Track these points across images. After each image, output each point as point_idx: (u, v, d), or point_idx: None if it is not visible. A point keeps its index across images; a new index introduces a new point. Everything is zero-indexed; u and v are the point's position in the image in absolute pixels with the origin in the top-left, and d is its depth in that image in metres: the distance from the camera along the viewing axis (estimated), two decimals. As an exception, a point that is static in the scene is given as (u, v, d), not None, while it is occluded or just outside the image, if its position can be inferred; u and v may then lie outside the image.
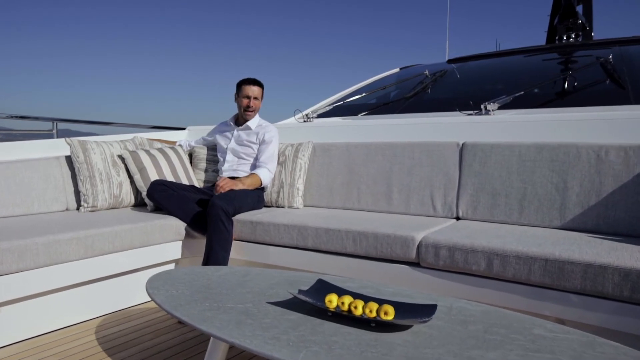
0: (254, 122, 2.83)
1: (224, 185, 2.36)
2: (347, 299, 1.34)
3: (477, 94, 3.93)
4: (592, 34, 7.08)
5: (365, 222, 2.20)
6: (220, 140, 2.89)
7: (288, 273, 1.75)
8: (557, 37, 6.67)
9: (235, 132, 2.84)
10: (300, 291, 1.54)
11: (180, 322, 2.06)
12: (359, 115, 4.00)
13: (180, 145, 3.07)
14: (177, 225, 2.37)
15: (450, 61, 5.49)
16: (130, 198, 2.65)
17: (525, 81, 4.00)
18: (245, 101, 2.75)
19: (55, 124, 4.02)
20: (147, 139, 2.98)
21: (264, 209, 2.63)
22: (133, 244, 2.16)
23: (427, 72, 4.71)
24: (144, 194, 2.58)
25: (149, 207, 2.59)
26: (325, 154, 2.85)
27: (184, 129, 3.81)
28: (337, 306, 1.34)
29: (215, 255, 2.19)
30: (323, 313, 1.35)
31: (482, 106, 3.01)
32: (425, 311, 1.28)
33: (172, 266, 2.50)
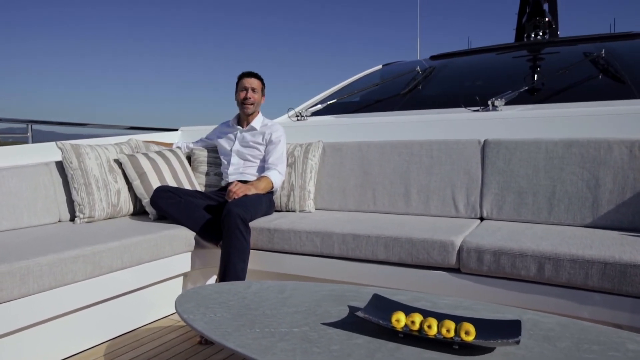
0: (258, 121, 2.65)
1: (237, 191, 2.17)
2: (417, 317, 1.21)
3: (476, 90, 3.88)
4: (558, 32, 7.24)
5: (393, 226, 2.07)
6: (223, 142, 2.70)
7: (328, 286, 1.60)
8: (525, 35, 6.79)
9: (238, 134, 2.65)
10: (352, 307, 1.41)
11: (201, 342, 1.88)
12: (358, 112, 3.87)
13: (178, 147, 2.85)
14: (186, 236, 2.17)
15: (433, 57, 5.45)
16: (128, 206, 2.42)
17: (522, 77, 3.98)
18: (242, 93, 2.57)
19: (29, 126, 3.70)
20: (143, 142, 2.75)
21: (275, 214, 2.47)
22: (142, 259, 1.96)
23: (418, 68, 4.64)
24: (145, 201, 2.36)
25: (151, 216, 2.37)
26: (336, 153, 2.70)
27: (174, 130, 3.57)
28: (406, 325, 1.21)
29: (234, 267, 2.01)
30: (392, 334, 1.21)
31: (490, 102, 2.94)
32: (508, 328, 1.16)
33: (180, 280, 2.30)
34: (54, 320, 1.73)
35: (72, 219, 2.31)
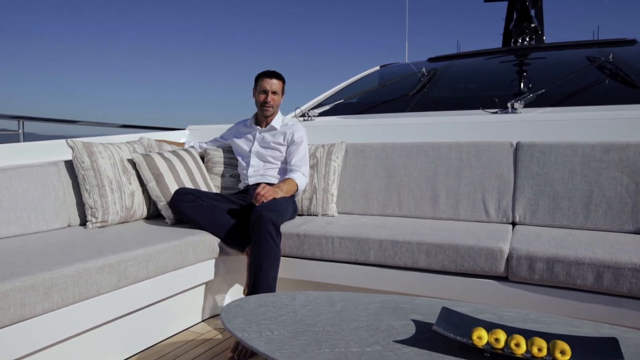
0: (278, 121, 2.52)
1: (265, 194, 2.04)
2: (502, 334, 1.11)
3: (487, 92, 3.83)
4: (544, 37, 7.35)
5: (431, 231, 1.98)
6: (241, 142, 2.56)
7: (378, 297, 1.49)
8: (512, 40, 6.87)
9: (258, 134, 2.52)
10: (417, 322, 1.30)
11: (233, 358, 1.74)
12: (365, 113, 3.78)
13: (192, 147, 2.70)
14: (210, 242, 2.03)
15: (431, 60, 5.41)
16: (142, 210, 2.26)
17: (530, 80, 3.96)
18: (262, 96, 2.44)
19: (21, 123, 3.48)
20: (156, 141, 2.59)
21: (299, 219, 2.34)
22: (167, 267, 1.81)
23: (423, 69, 4.59)
24: (162, 204, 2.20)
25: (168, 220, 2.21)
26: (358, 155, 2.59)
27: (178, 129, 3.40)
28: (488, 343, 1.11)
29: (265, 276, 1.88)
30: (474, 352, 1.11)
31: (509, 104, 2.88)
32: (606, 347, 1.07)
33: (201, 289, 2.15)
34: (74, 337, 1.57)
35: (83, 223, 2.14)
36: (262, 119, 2.53)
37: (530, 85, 3.73)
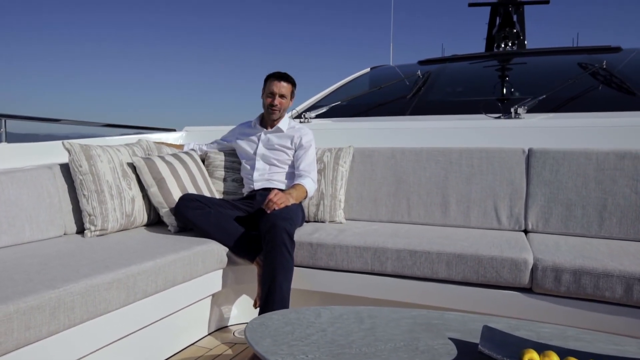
0: (285, 123, 2.43)
1: (278, 201, 1.94)
2: (555, 357, 1.05)
3: (484, 96, 3.82)
4: (525, 42, 7.47)
5: (448, 240, 1.92)
6: (244, 145, 2.45)
7: (406, 312, 1.42)
8: (495, 45, 6.96)
9: (263, 136, 2.42)
10: (456, 341, 1.24)
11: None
12: (360, 116, 3.73)
13: (193, 149, 2.58)
14: (218, 251, 1.92)
15: (421, 62, 5.40)
16: (143, 216, 2.13)
17: (526, 85, 3.98)
18: (268, 99, 2.34)
19: (3, 121, 3.29)
20: (155, 143, 2.46)
21: (307, 226, 2.25)
22: (176, 280, 1.69)
23: (419, 72, 4.56)
24: (164, 210, 2.08)
25: (171, 228, 2.09)
26: (366, 160, 2.52)
27: (168, 129, 3.25)
28: (541, 366, 1.05)
29: (279, 287, 1.79)
30: (528, 377, 1.05)
31: (512, 109, 2.86)
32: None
33: (208, 300, 2.04)
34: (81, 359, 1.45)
35: (80, 231, 2.00)
36: (268, 120, 2.43)
37: (521, 90, 3.75)
